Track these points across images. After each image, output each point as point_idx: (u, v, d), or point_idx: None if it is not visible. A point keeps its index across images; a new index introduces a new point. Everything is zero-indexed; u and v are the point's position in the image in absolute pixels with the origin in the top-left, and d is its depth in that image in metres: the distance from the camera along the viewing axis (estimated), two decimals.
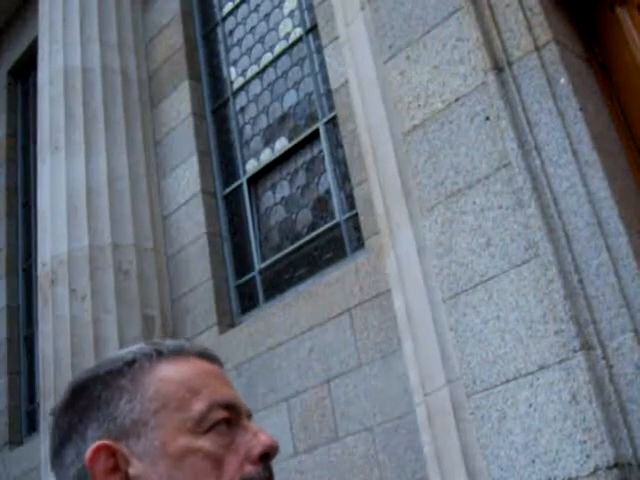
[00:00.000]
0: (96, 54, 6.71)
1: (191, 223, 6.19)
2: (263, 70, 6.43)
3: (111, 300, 5.60)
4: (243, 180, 6.24)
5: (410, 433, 4.26)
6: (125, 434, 0.98)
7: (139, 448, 0.97)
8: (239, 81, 6.63)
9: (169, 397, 1.00)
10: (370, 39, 3.92)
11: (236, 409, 1.03)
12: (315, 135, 5.81)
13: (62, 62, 6.65)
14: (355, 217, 5.25)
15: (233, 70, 6.73)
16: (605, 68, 3.28)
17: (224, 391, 1.04)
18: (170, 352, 1.06)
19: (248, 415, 1.06)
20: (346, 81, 4.88)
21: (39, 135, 6.69)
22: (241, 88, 6.59)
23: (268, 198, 6.11)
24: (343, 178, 5.48)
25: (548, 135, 3.01)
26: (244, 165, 6.33)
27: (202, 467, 0.97)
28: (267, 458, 1.02)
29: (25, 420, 7.70)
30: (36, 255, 6.55)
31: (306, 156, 5.89)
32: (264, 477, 1.01)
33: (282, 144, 6.08)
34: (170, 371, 1.03)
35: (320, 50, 5.81)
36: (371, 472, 4.51)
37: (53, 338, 5.54)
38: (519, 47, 3.17)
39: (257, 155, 6.27)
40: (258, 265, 5.93)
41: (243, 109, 6.52)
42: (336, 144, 5.61)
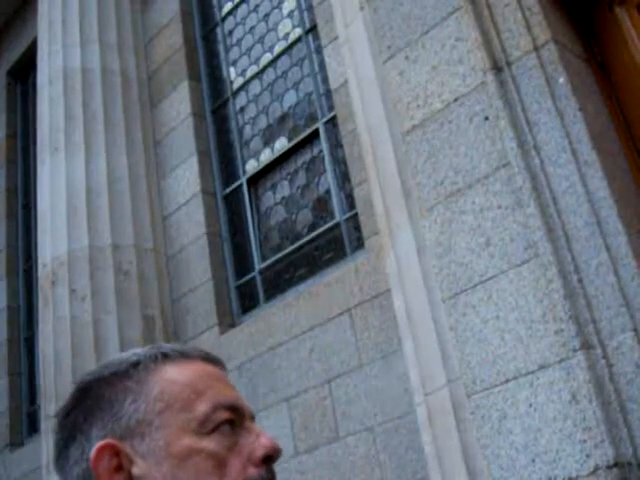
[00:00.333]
0: (95, 54, 6.71)
1: (191, 223, 6.19)
2: (263, 70, 6.43)
3: (111, 300, 5.60)
4: (243, 180, 6.25)
5: (411, 433, 4.26)
6: (129, 434, 0.99)
7: (143, 448, 0.98)
8: (239, 81, 6.63)
9: (174, 398, 1.01)
10: (369, 39, 3.92)
11: (239, 411, 1.04)
12: (315, 135, 5.81)
13: (61, 63, 6.65)
14: (355, 217, 5.25)
15: (233, 70, 6.73)
16: (604, 68, 3.28)
17: (228, 393, 1.05)
18: (175, 354, 1.07)
19: (251, 417, 1.07)
20: (345, 81, 4.88)
21: (39, 136, 6.69)
22: (241, 88, 6.59)
23: (268, 198, 6.11)
24: (343, 178, 5.49)
25: (547, 135, 3.02)
26: (244, 165, 6.33)
27: (205, 467, 0.97)
28: (270, 461, 1.03)
29: (26, 421, 7.70)
30: (36, 256, 6.56)
31: (306, 156, 5.89)
32: (266, 478, 1.01)
33: (282, 144, 6.08)
34: (175, 372, 1.04)
35: (319, 50, 5.82)
36: (372, 472, 4.51)
37: (53, 339, 5.55)
38: (518, 47, 3.18)
39: (257, 155, 6.27)
40: (258, 265, 5.93)
41: (243, 109, 6.53)
42: (336, 144, 5.61)
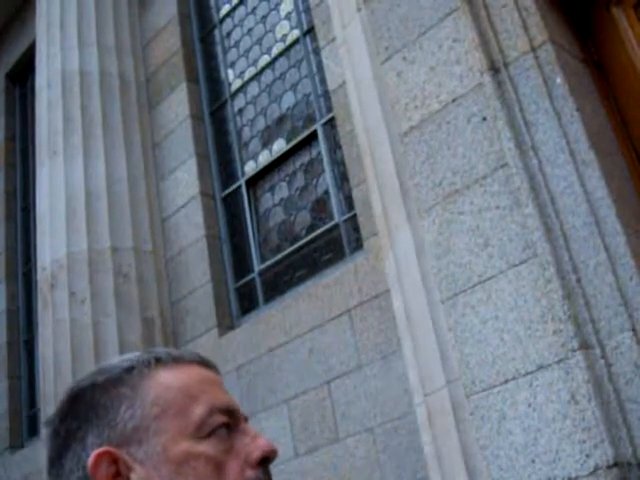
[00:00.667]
0: (94, 57, 6.72)
1: (190, 225, 6.19)
2: (261, 72, 6.44)
3: (111, 303, 5.61)
4: (242, 182, 6.25)
5: (410, 434, 4.26)
6: (126, 440, 0.98)
7: (141, 454, 0.98)
8: (237, 83, 6.64)
9: (169, 402, 1.01)
10: (367, 40, 3.92)
11: (234, 413, 1.04)
12: (313, 136, 5.81)
13: (60, 65, 6.65)
14: (354, 218, 5.26)
15: (231, 72, 6.73)
16: (601, 68, 3.29)
17: (222, 396, 1.05)
18: (168, 359, 1.06)
19: (245, 419, 1.07)
20: (344, 82, 4.88)
21: (37, 139, 6.69)
22: (239, 90, 6.59)
23: (267, 200, 6.11)
24: (342, 179, 5.49)
25: (545, 135, 3.02)
26: (242, 167, 6.33)
27: (204, 472, 0.97)
28: (266, 462, 1.03)
29: (26, 424, 7.70)
30: (36, 259, 6.56)
31: (304, 157, 5.90)
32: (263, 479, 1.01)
33: (280, 146, 6.08)
34: (169, 377, 1.03)
35: (317, 51, 5.82)
36: (372, 473, 4.51)
37: (53, 342, 5.55)
38: (515, 48, 3.18)
39: (255, 157, 6.28)
40: (257, 267, 5.93)
41: (241, 111, 6.53)
42: (334, 145, 5.61)
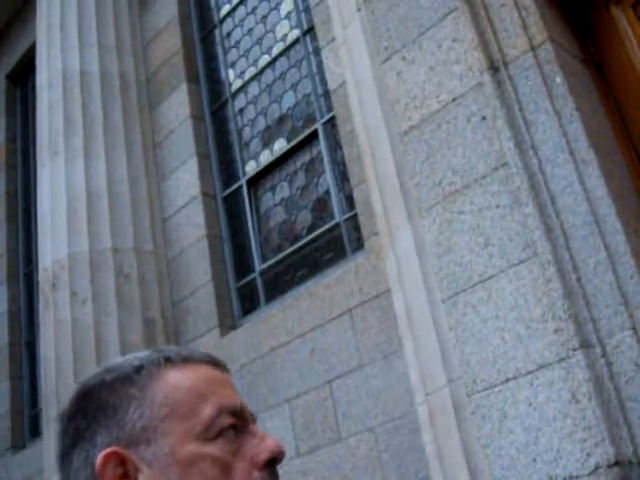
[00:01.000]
0: (94, 57, 6.72)
1: (191, 225, 6.20)
2: (261, 72, 6.44)
3: (112, 303, 5.61)
4: (243, 182, 6.25)
5: (412, 433, 4.27)
6: (134, 441, 0.98)
7: (149, 455, 0.98)
8: (237, 83, 6.64)
9: (177, 403, 1.00)
10: (366, 40, 3.93)
11: (243, 415, 1.04)
12: (314, 136, 5.82)
13: (60, 66, 6.65)
14: (355, 217, 5.26)
15: (231, 72, 6.74)
16: (600, 67, 3.29)
17: (231, 397, 1.05)
18: (177, 359, 1.06)
19: (253, 420, 1.07)
20: (344, 82, 4.88)
21: (38, 139, 6.70)
22: (239, 90, 6.60)
23: (268, 199, 6.12)
24: (342, 179, 5.49)
25: (544, 134, 3.02)
26: (243, 167, 6.34)
27: (212, 474, 0.97)
28: (273, 463, 1.03)
29: (28, 424, 7.70)
30: (37, 259, 6.56)
31: (305, 157, 5.90)
32: None
33: (281, 145, 6.09)
34: (178, 378, 1.03)
35: (317, 51, 5.82)
36: (374, 472, 4.52)
37: (55, 342, 5.55)
38: (515, 47, 3.18)
39: (256, 157, 6.28)
40: (259, 266, 5.94)
41: (242, 111, 6.54)
42: (335, 145, 5.62)
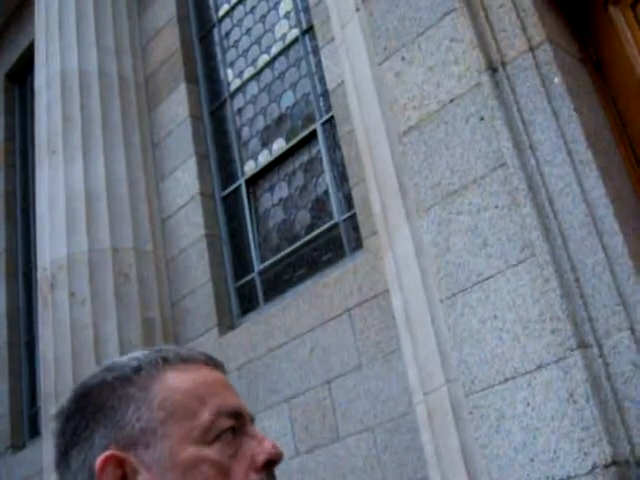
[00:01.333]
0: (93, 57, 6.72)
1: (190, 225, 6.20)
2: (260, 71, 6.44)
3: (111, 304, 5.61)
4: (241, 182, 6.26)
5: (411, 432, 4.27)
6: (133, 443, 0.98)
7: (148, 458, 0.97)
8: (236, 83, 6.64)
9: (176, 406, 1.00)
10: (365, 40, 3.94)
11: (241, 416, 1.04)
12: (312, 136, 5.82)
13: (59, 65, 6.65)
14: (353, 217, 5.26)
15: (230, 72, 6.74)
16: (599, 67, 3.29)
17: (230, 399, 1.05)
18: (177, 359, 1.06)
19: (251, 420, 1.07)
20: (343, 82, 4.89)
21: (37, 139, 6.69)
22: (238, 90, 6.60)
23: (266, 199, 6.12)
24: (341, 178, 5.49)
25: (543, 135, 3.03)
26: (242, 167, 6.34)
27: (210, 477, 0.97)
28: (271, 465, 1.03)
29: (27, 424, 7.71)
30: (36, 259, 6.56)
31: (304, 157, 5.90)
32: None
33: (280, 145, 6.09)
34: (177, 379, 1.03)
35: (316, 51, 5.83)
36: (372, 472, 4.52)
37: (53, 342, 5.55)
38: (513, 47, 3.19)
39: (255, 156, 6.28)
40: (257, 266, 5.94)
41: (240, 110, 6.54)
42: (334, 145, 5.62)
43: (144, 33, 7.32)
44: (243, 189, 6.21)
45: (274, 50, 6.37)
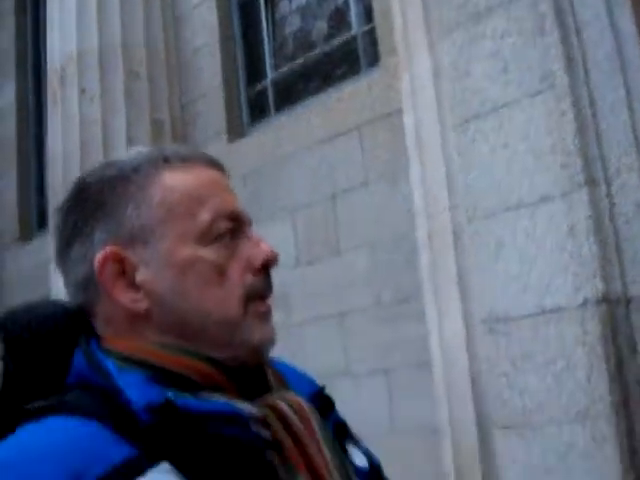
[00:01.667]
0: None
1: (204, 27, 6.01)
2: None
3: (120, 101, 5.53)
4: None
5: (410, 253, 4.34)
6: (132, 241, 0.99)
7: (146, 255, 0.99)
8: None
9: (175, 205, 1.00)
10: None
11: (239, 218, 1.04)
12: None
13: None
14: (372, 31, 5.09)
15: None
16: None
17: (229, 201, 1.05)
18: (177, 159, 1.04)
19: (249, 223, 1.07)
20: None
21: None
22: None
23: (284, 5, 5.90)
24: None
25: None
26: None
27: (207, 276, 0.99)
28: (267, 267, 1.04)
29: (35, 215, 7.85)
30: (46, 54, 6.42)
31: None
32: (265, 285, 1.03)
33: None
34: (176, 179, 1.02)
35: None
36: (370, 287, 4.63)
37: (62, 138, 5.54)
38: None
39: None
40: (271, 74, 5.82)
41: None
42: None
43: None
44: None
45: None
